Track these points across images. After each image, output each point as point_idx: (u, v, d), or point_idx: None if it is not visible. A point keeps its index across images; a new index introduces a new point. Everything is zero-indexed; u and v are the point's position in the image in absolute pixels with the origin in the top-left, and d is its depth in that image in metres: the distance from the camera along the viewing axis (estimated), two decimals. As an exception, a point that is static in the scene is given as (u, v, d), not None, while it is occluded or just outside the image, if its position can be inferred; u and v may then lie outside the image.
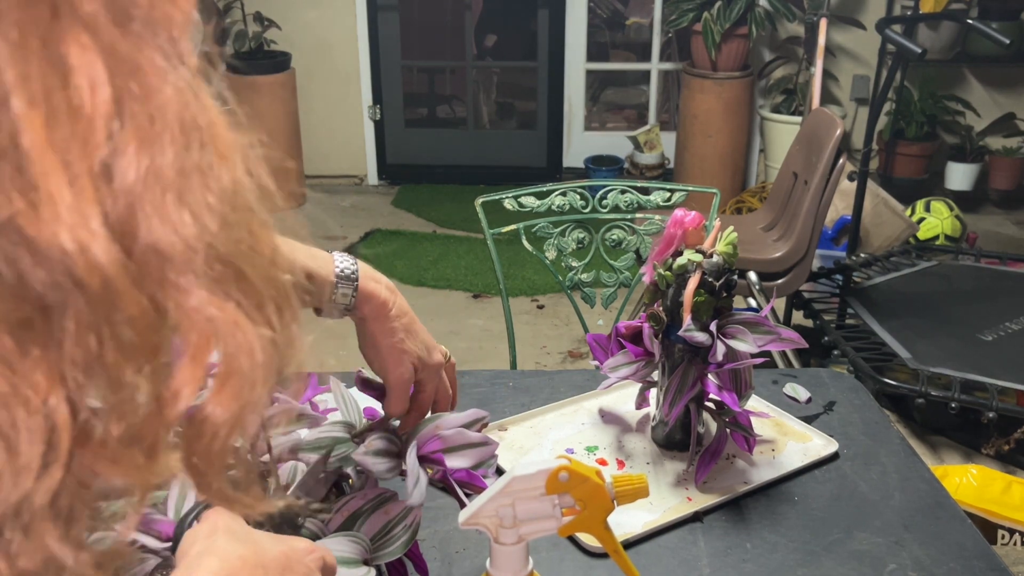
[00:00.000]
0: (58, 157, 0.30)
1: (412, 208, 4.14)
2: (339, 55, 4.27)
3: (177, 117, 0.33)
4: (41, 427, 0.30)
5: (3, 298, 0.29)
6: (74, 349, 0.31)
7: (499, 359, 2.74)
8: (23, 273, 0.30)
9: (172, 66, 0.33)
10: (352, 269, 0.75)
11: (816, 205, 2.26)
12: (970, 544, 0.89)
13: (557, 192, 1.65)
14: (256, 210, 0.37)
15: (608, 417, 1.12)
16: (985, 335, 2.39)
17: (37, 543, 0.32)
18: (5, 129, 0.29)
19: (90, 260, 0.30)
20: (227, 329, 0.35)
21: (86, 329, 0.31)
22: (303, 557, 0.56)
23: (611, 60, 4.57)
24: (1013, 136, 4.09)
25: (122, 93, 0.32)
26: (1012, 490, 1.77)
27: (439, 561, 0.85)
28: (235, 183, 0.36)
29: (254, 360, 0.36)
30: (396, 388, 0.77)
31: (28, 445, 0.30)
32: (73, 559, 0.33)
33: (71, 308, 0.31)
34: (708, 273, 0.94)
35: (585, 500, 0.63)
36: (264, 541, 0.54)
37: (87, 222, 0.30)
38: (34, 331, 0.30)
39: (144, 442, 0.35)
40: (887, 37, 2.46)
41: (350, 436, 0.76)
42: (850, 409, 1.14)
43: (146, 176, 0.32)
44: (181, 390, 0.35)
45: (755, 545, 0.88)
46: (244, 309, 0.36)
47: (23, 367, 0.30)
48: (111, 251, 0.31)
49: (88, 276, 0.30)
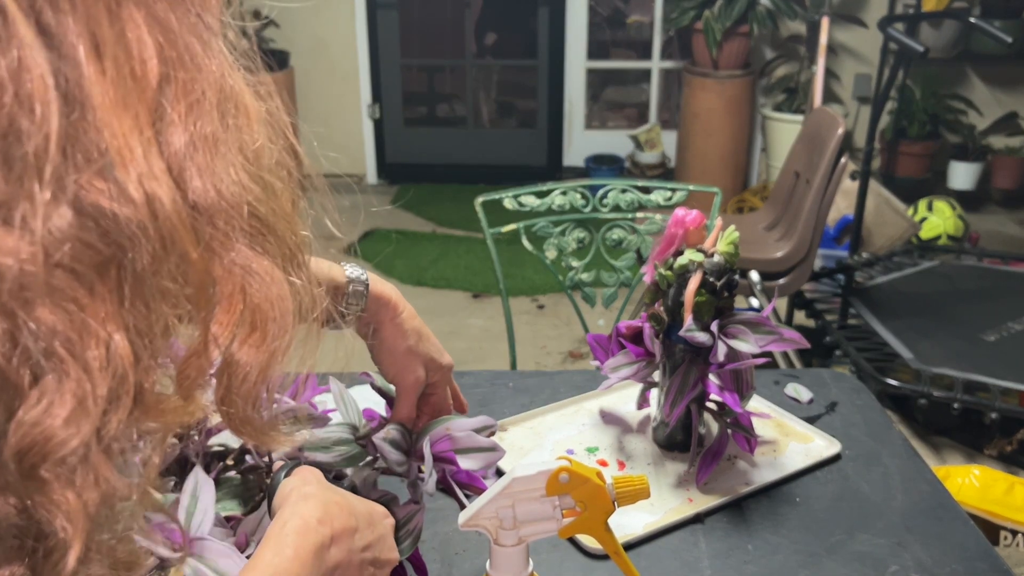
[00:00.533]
0: (128, 117, 0.33)
1: (411, 207, 4.13)
2: (338, 53, 4.27)
3: (217, 86, 0.37)
4: (111, 366, 0.33)
5: (87, 242, 0.33)
6: (135, 297, 0.34)
7: (499, 359, 2.73)
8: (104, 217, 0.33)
9: (211, 39, 0.37)
10: (362, 274, 0.75)
11: (818, 204, 2.26)
12: (972, 545, 0.88)
13: (557, 191, 1.64)
14: (279, 172, 0.42)
15: (609, 418, 1.11)
16: (988, 335, 2.39)
17: (99, 477, 0.35)
18: (81, 91, 0.32)
19: (158, 206, 0.34)
20: (259, 278, 0.39)
21: (147, 275, 0.35)
22: (381, 518, 0.61)
23: (612, 58, 4.56)
24: (1016, 135, 4.09)
25: (171, 63, 0.35)
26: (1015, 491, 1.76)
27: (439, 563, 0.84)
28: (262, 146, 0.40)
29: (284, 306, 0.40)
30: (406, 392, 0.77)
31: (101, 381, 0.33)
32: (129, 490, 0.37)
33: (136, 253, 0.34)
34: (709, 273, 0.93)
35: (586, 501, 0.63)
36: (350, 495, 0.60)
37: (155, 172, 0.34)
38: (106, 279, 0.34)
39: (182, 385, 0.38)
40: (889, 35, 2.46)
41: (354, 438, 0.76)
42: (852, 410, 1.14)
43: (193, 139, 0.36)
44: (219, 335, 0.39)
45: (757, 546, 0.88)
46: (275, 261, 0.40)
47: (92, 309, 0.33)
48: (176, 201, 0.35)
49: (155, 223, 0.34)
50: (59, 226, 0.32)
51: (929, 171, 4.01)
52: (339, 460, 0.73)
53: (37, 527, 0.34)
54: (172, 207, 0.34)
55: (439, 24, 4.67)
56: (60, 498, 0.33)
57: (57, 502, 0.33)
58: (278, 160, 0.42)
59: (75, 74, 0.32)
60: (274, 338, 0.40)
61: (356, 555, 0.56)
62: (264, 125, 0.41)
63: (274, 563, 0.51)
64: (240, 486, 0.72)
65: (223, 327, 0.39)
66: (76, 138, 0.32)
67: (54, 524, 0.33)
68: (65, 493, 0.33)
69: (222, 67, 0.38)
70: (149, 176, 0.34)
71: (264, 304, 0.40)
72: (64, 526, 0.34)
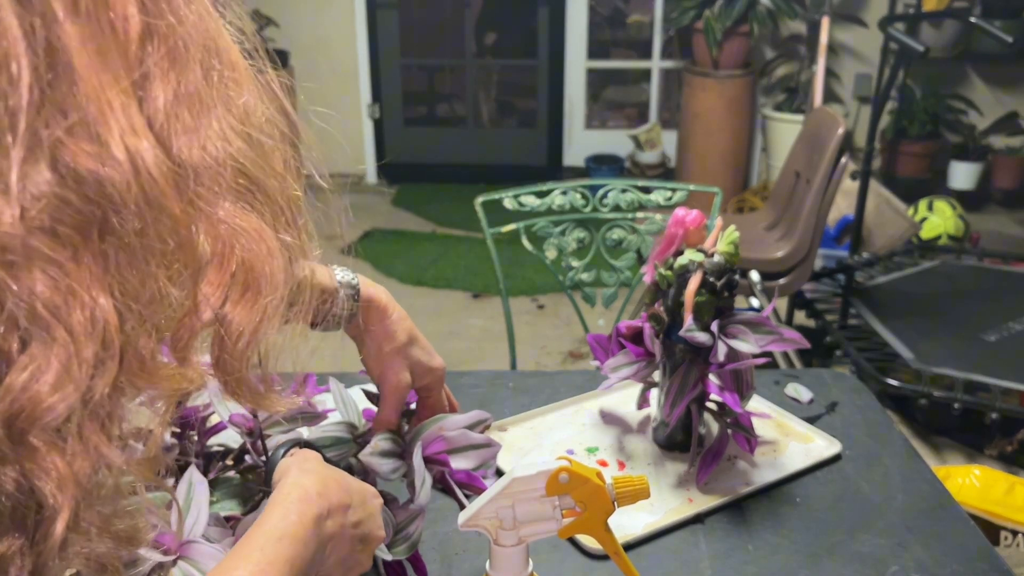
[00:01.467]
0: (107, 73, 0.33)
1: (411, 207, 4.13)
2: (338, 53, 4.27)
3: (201, 42, 0.37)
4: (96, 329, 0.33)
5: (68, 202, 0.32)
6: (120, 260, 0.34)
7: (499, 359, 2.73)
8: (84, 177, 0.32)
9: None
10: (352, 278, 0.75)
11: (818, 204, 2.25)
12: (973, 546, 0.88)
13: (557, 191, 1.64)
14: (270, 130, 0.41)
15: (609, 418, 1.11)
16: (988, 335, 2.39)
17: (90, 445, 0.34)
18: (58, 49, 0.31)
19: (140, 164, 0.33)
20: (249, 236, 0.39)
21: (132, 238, 0.34)
22: (372, 498, 0.63)
23: (612, 58, 4.56)
24: (1016, 135, 4.08)
25: (152, 17, 0.35)
26: (1015, 491, 1.76)
27: (438, 563, 0.84)
28: (251, 104, 0.40)
29: (274, 263, 0.40)
30: (390, 395, 0.77)
31: (87, 344, 0.33)
32: (122, 461, 0.36)
33: (122, 217, 0.33)
34: (709, 273, 0.93)
35: (585, 501, 0.63)
36: (346, 474, 0.62)
37: (136, 131, 0.33)
38: (89, 242, 0.33)
39: (176, 348, 0.38)
40: (890, 35, 2.45)
41: (352, 437, 0.76)
42: (852, 410, 1.13)
43: (176, 95, 0.35)
44: (210, 295, 0.38)
45: (757, 547, 0.88)
46: (264, 219, 0.40)
47: (77, 273, 0.33)
48: (158, 157, 0.34)
49: (139, 183, 0.33)
50: (38, 186, 0.31)
51: (929, 171, 4.01)
52: (336, 458, 0.73)
53: (36, 500, 0.34)
54: (155, 165, 0.34)
55: (439, 24, 4.66)
56: (50, 465, 0.33)
57: (47, 469, 0.33)
58: (268, 118, 0.41)
59: (51, 31, 0.31)
60: (266, 296, 0.40)
61: (348, 530, 0.58)
62: (254, 83, 0.40)
63: (281, 526, 0.52)
64: (239, 486, 0.72)
65: (214, 287, 0.38)
66: (54, 96, 0.31)
67: (44, 491, 0.33)
68: (55, 460, 0.33)
69: (206, 21, 0.37)
70: (130, 133, 0.33)
71: (255, 262, 0.39)
72: (54, 493, 0.33)
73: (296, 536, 0.52)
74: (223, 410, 0.74)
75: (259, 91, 0.41)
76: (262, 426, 0.74)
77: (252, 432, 0.74)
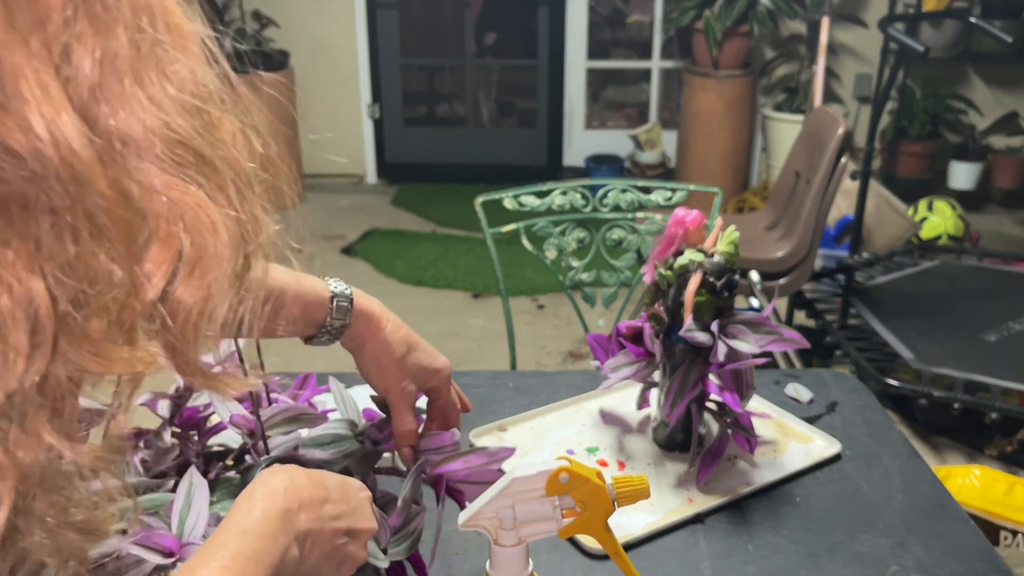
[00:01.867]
0: (22, 46, 0.31)
1: (411, 207, 4.13)
2: (338, 53, 4.27)
3: (129, 3, 0.34)
4: (25, 314, 0.32)
5: None
6: (51, 239, 0.32)
7: (499, 359, 2.73)
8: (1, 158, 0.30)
9: None
10: (345, 290, 0.74)
11: (818, 204, 2.25)
12: (973, 545, 0.88)
13: (557, 191, 1.64)
14: (217, 97, 0.39)
15: (609, 418, 1.11)
16: (988, 335, 2.39)
17: (32, 434, 0.33)
18: None
19: (62, 143, 0.31)
20: (191, 210, 0.37)
21: (61, 216, 0.32)
22: (356, 491, 0.62)
23: (612, 58, 4.56)
24: (1016, 135, 4.08)
25: None
26: (1015, 491, 1.76)
27: (438, 563, 0.84)
28: (194, 71, 0.37)
29: (219, 239, 0.38)
30: (398, 405, 0.77)
31: (15, 330, 0.31)
32: (70, 450, 0.34)
33: (45, 195, 0.32)
34: (709, 273, 0.93)
35: (586, 501, 0.63)
36: (325, 472, 0.62)
37: (56, 107, 0.31)
38: (12, 223, 0.31)
39: (123, 329, 0.36)
40: (890, 35, 2.45)
41: (352, 434, 0.76)
42: (852, 410, 1.13)
43: (102, 62, 0.33)
44: (153, 273, 0.36)
45: (757, 547, 0.88)
46: (206, 191, 0.38)
47: (3, 257, 0.31)
48: (80, 134, 0.32)
49: (60, 158, 0.31)
50: None
51: (929, 171, 4.01)
52: (337, 457, 0.73)
53: None
54: (76, 137, 0.32)
55: (439, 24, 4.67)
56: None
57: None
58: (213, 85, 0.39)
59: None
60: (211, 272, 0.38)
61: (328, 523, 0.57)
62: (201, 48, 0.38)
63: (245, 521, 0.52)
64: (239, 486, 0.72)
65: (157, 264, 0.36)
66: None
67: None
68: None
69: None
70: (47, 104, 0.31)
71: (197, 238, 0.37)
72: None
73: (261, 531, 0.52)
74: (223, 410, 0.74)
75: (206, 57, 0.39)
76: (263, 427, 0.74)
77: (253, 432, 0.74)
